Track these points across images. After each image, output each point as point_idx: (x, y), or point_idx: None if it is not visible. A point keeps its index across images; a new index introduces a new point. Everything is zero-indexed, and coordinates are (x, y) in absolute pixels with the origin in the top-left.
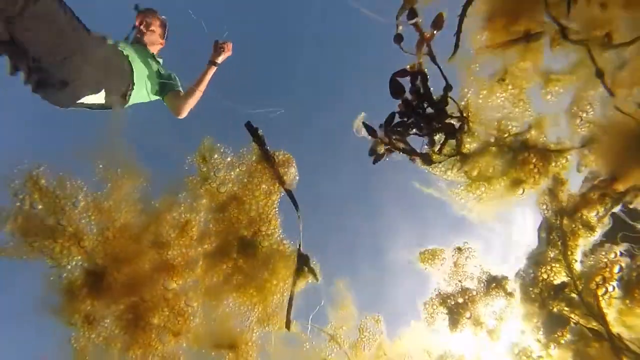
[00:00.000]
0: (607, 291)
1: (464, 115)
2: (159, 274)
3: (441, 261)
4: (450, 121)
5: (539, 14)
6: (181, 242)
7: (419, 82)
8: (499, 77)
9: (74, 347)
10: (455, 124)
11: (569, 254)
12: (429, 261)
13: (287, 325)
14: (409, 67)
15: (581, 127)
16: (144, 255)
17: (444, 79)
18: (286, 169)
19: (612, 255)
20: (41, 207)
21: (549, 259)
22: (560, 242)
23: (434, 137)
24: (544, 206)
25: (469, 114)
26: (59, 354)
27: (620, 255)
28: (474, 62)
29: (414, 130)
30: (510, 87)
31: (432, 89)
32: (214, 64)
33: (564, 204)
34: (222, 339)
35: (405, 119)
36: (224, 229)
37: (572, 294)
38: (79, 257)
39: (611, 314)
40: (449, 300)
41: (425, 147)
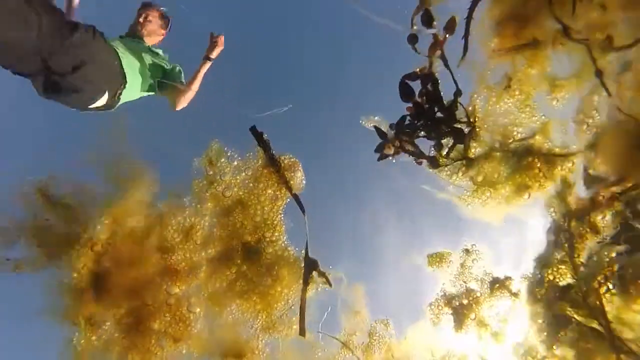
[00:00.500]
0: (608, 289)
1: (472, 120)
2: (162, 278)
3: (448, 264)
4: (459, 126)
5: (545, 18)
6: (185, 247)
7: (429, 86)
8: (506, 84)
9: (75, 348)
10: (464, 129)
11: (575, 256)
12: (437, 264)
13: (302, 332)
14: (418, 70)
15: (588, 131)
16: (148, 259)
17: (454, 83)
18: (292, 174)
19: (614, 254)
20: (54, 217)
21: (556, 261)
22: (567, 244)
23: (442, 141)
24: (552, 209)
25: (477, 119)
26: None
27: (620, 255)
28: (484, 67)
29: (422, 133)
30: (517, 93)
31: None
32: (209, 59)
33: (572, 207)
34: (227, 348)
35: (415, 122)
36: (228, 234)
37: (577, 295)
38: (89, 261)
39: (611, 312)
40: (454, 301)
41: (432, 150)
